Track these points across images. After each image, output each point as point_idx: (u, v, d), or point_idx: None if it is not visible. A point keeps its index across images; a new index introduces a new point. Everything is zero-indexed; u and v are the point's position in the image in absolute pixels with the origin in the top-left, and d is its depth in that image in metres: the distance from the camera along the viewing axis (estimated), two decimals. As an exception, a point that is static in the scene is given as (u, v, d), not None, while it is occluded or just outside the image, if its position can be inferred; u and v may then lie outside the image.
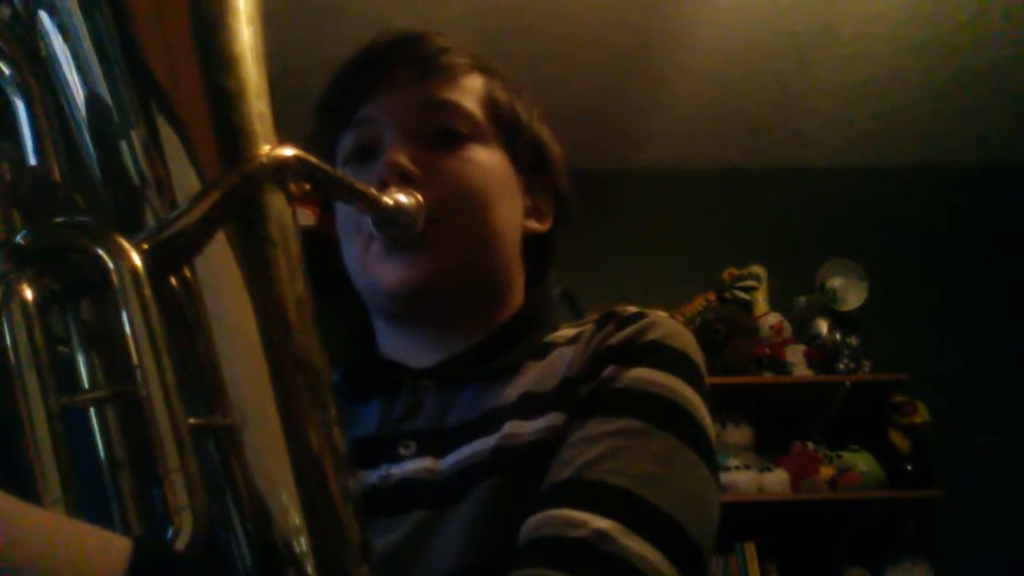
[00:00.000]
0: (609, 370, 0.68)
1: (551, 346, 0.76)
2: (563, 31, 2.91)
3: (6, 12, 0.53)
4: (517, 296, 0.83)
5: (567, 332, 0.78)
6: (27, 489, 0.42)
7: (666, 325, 0.72)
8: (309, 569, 0.48)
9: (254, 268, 0.51)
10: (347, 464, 0.53)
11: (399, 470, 0.69)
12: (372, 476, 0.70)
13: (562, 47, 2.98)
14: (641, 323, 0.72)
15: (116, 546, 0.41)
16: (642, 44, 2.97)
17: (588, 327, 0.75)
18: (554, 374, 0.72)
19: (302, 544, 0.49)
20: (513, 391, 0.72)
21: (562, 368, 0.72)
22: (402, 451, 0.71)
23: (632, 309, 0.74)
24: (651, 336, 0.70)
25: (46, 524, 0.40)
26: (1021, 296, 3.45)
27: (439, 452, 0.69)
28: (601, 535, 0.57)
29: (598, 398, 0.67)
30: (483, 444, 0.68)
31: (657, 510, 0.60)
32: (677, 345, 0.70)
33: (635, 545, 0.57)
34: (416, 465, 0.69)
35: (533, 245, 0.84)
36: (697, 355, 0.72)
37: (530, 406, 0.70)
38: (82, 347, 0.49)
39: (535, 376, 0.73)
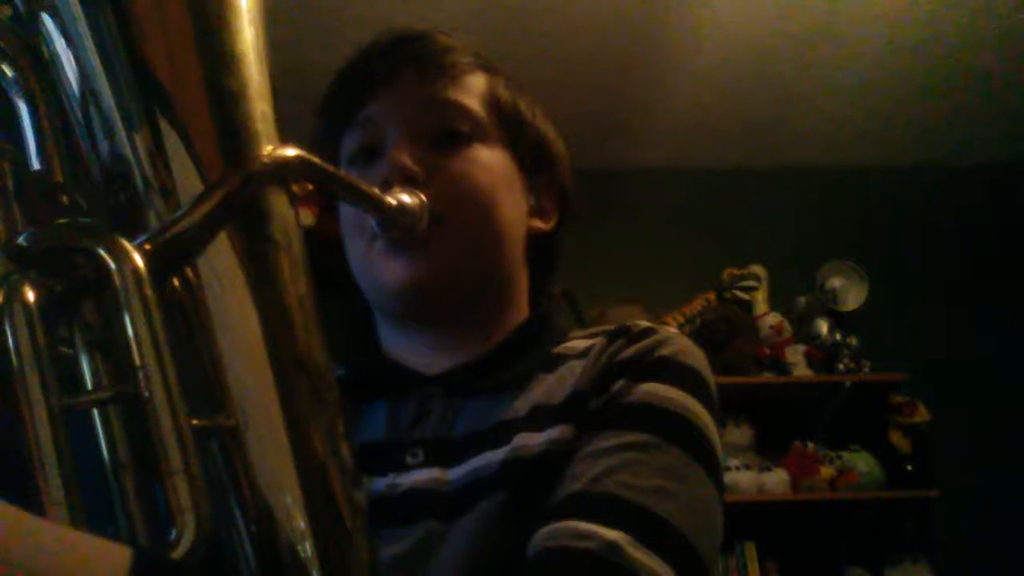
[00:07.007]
0: (619, 384, 0.68)
1: (561, 358, 0.76)
2: (563, 31, 2.91)
3: (7, 13, 0.53)
4: (522, 297, 0.83)
5: (577, 344, 0.77)
6: (31, 492, 0.42)
7: (678, 342, 0.72)
8: (314, 572, 0.48)
9: (257, 269, 0.51)
10: (353, 476, 0.53)
11: (406, 480, 0.69)
12: (379, 484, 0.69)
13: (562, 47, 2.98)
14: (653, 339, 0.71)
15: (116, 555, 0.40)
16: (642, 44, 2.97)
17: (599, 340, 0.75)
18: (564, 387, 0.72)
19: (307, 548, 0.49)
20: (523, 404, 0.72)
21: (572, 381, 0.72)
22: (409, 460, 0.70)
23: (644, 324, 0.74)
24: (663, 352, 0.70)
25: (45, 533, 0.39)
26: (1021, 296, 3.45)
27: (447, 463, 0.69)
28: (609, 547, 0.57)
29: (608, 412, 0.67)
30: (492, 457, 0.68)
31: (665, 523, 0.60)
32: (688, 362, 0.70)
33: (643, 557, 0.57)
34: (423, 475, 0.69)
35: (538, 244, 0.83)
36: (708, 372, 0.71)
37: (539, 419, 0.70)
38: (84, 348, 0.49)
39: (545, 389, 0.73)
